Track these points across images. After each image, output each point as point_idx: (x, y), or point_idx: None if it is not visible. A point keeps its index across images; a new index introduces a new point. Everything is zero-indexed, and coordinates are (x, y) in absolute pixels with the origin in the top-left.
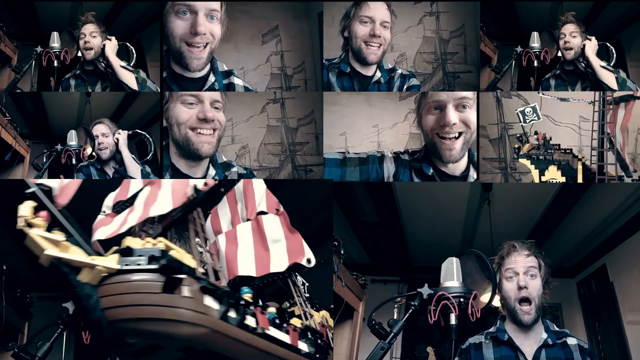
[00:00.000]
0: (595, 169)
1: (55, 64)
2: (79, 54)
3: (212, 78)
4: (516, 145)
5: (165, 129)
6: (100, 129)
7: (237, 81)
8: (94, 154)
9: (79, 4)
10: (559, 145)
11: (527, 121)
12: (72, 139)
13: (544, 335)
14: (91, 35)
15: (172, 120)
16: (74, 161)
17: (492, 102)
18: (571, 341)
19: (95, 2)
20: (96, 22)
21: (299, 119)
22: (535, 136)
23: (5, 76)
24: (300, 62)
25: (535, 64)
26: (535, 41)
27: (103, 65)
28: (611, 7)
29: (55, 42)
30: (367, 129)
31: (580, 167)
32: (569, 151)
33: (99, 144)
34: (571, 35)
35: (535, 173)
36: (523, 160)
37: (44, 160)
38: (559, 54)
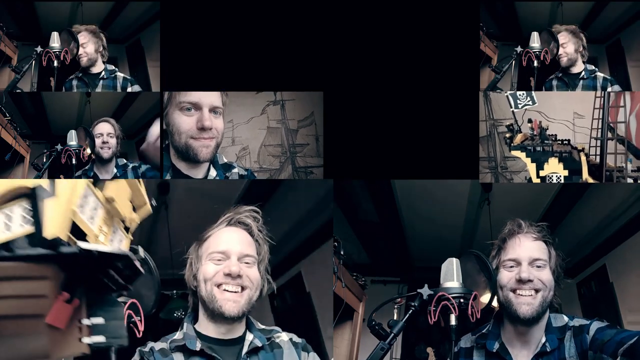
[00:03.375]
0: (595, 161)
1: (55, 64)
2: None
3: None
4: (507, 135)
5: (165, 131)
6: (106, 128)
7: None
8: (92, 155)
9: (79, 4)
10: (556, 135)
11: (520, 106)
12: (72, 139)
13: (544, 339)
14: (82, 47)
15: (171, 128)
16: (74, 161)
17: (480, 97)
18: (572, 323)
19: (95, 2)
20: (86, 31)
21: (299, 120)
22: (530, 124)
23: (5, 76)
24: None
25: (535, 64)
26: (535, 41)
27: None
28: (611, 7)
29: (55, 42)
30: None
31: (584, 158)
32: (566, 142)
33: (104, 143)
34: (562, 47)
35: (531, 167)
36: (516, 152)
37: (44, 160)
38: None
